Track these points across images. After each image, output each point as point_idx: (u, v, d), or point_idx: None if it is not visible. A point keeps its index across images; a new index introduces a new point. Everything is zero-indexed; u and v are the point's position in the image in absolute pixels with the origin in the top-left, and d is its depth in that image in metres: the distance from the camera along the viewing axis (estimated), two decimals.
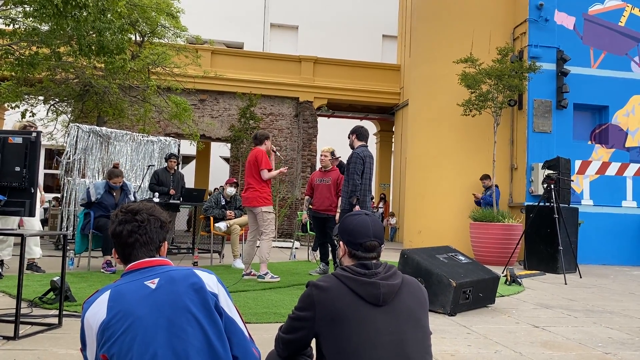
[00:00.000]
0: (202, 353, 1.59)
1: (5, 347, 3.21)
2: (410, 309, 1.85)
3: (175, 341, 1.57)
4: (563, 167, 8.94)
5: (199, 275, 1.73)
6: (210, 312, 1.66)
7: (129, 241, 1.76)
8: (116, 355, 1.56)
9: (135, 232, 1.76)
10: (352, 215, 2.08)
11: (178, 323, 1.59)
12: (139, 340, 1.55)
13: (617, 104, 11.50)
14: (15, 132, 3.76)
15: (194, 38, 13.05)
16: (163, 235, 1.84)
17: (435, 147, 11.64)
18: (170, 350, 1.55)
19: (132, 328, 1.56)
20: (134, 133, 10.61)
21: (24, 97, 11.37)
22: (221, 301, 1.73)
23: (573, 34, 11.41)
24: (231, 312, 1.76)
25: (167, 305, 1.62)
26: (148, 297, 1.62)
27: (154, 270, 1.72)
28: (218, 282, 1.77)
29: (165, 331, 1.57)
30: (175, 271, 1.72)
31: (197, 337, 1.60)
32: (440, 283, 4.76)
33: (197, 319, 1.62)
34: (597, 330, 4.42)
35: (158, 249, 1.82)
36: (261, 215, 6.32)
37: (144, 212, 1.80)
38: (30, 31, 8.67)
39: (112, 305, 1.61)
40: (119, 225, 1.78)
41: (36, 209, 6.18)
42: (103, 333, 1.59)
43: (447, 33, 11.79)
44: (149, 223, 1.79)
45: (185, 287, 1.67)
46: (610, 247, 10.92)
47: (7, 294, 4.88)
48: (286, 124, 16.67)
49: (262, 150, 6.48)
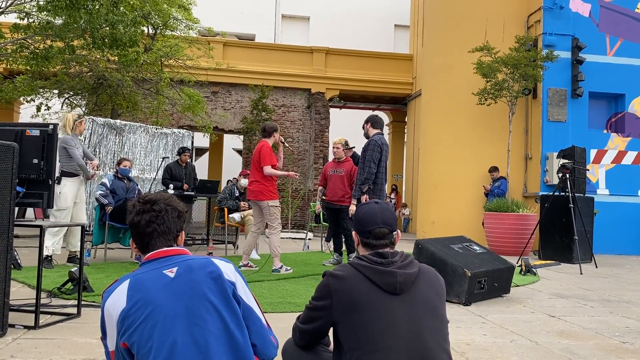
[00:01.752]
0: (221, 340, 1.60)
1: (27, 336, 3.27)
2: (427, 298, 1.85)
3: (194, 329, 1.59)
4: (578, 156, 8.84)
5: (217, 264, 1.74)
6: (228, 300, 1.68)
7: (147, 231, 1.78)
8: (137, 343, 1.58)
9: (153, 222, 1.78)
10: (362, 205, 2.12)
11: (197, 311, 1.61)
12: (159, 328, 1.57)
13: (633, 92, 11.33)
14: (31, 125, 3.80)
15: (206, 30, 13.06)
16: (180, 225, 1.86)
17: (449, 137, 11.57)
18: (189, 338, 1.57)
19: (152, 316, 1.58)
20: (147, 125, 10.68)
21: (39, 91, 11.47)
22: (239, 289, 1.75)
23: (589, 21, 11.24)
24: (249, 301, 1.77)
25: (186, 293, 1.63)
26: (167, 286, 1.64)
27: (172, 260, 1.74)
28: (235, 271, 1.79)
29: (184, 319, 1.59)
30: (193, 260, 1.74)
31: (215, 324, 1.61)
32: (455, 273, 4.75)
33: (215, 307, 1.64)
34: (613, 319, 4.39)
35: (175, 239, 1.84)
36: (268, 210, 6.30)
37: (161, 202, 1.82)
38: (44, 25, 8.73)
39: (131, 294, 1.63)
40: (137, 216, 1.80)
41: (84, 201, 6.33)
42: (123, 321, 1.60)
43: (460, 22, 11.67)
44: (166, 213, 1.80)
45: (204, 276, 1.68)
46: (627, 236, 10.81)
47: (26, 285, 4.96)
48: (298, 115, 16.66)
49: (268, 144, 6.41)
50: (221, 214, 8.36)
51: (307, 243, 9.81)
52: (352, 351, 1.76)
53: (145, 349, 1.57)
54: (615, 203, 10.93)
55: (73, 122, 6.15)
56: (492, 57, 10.18)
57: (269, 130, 6.53)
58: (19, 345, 3.08)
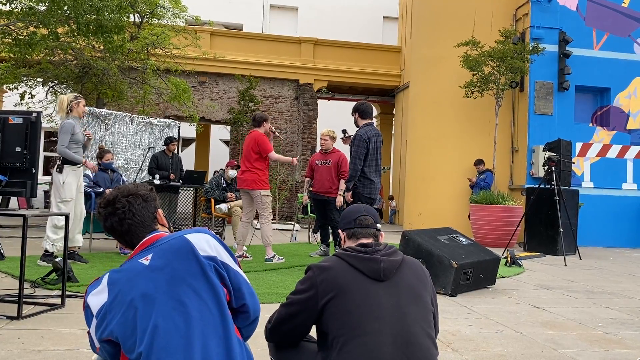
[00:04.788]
0: (202, 322, 1.59)
1: (9, 327, 3.23)
2: (411, 285, 1.88)
3: (174, 314, 1.57)
4: (564, 149, 8.92)
5: (192, 243, 1.70)
6: (207, 278, 1.65)
7: (123, 229, 1.77)
8: (121, 335, 1.57)
9: (123, 219, 1.76)
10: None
11: (175, 295, 1.59)
12: (140, 316, 1.56)
13: (619, 86, 11.43)
14: (13, 113, 3.73)
15: (193, 19, 12.91)
16: (152, 206, 1.83)
17: (436, 130, 11.61)
18: (170, 322, 1.56)
19: (132, 306, 1.58)
20: (133, 115, 10.56)
21: (23, 79, 11.27)
22: (222, 257, 1.73)
23: (576, 15, 11.31)
24: (234, 265, 1.77)
25: (163, 279, 1.61)
26: (143, 274, 1.63)
27: (148, 248, 1.73)
28: (214, 240, 1.76)
29: (163, 304, 1.58)
30: (168, 243, 1.71)
31: (195, 307, 1.59)
32: (442, 264, 4.77)
33: (194, 289, 1.61)
34: (597, 310, 4.44)
35: (155, 221, 1.82)
36: (259, 199, 6.29)
37: (120, 197, 1.79)
38: (27, 11, 8.56)
39: (111, 288, 1.63)
40: (106, 221, 1.78)
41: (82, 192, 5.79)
42: (105, 316, 1.60)
43: (448, 14, 11.67)
44: (131, 205, 1.78)
45: (180, 259, 1.66)
46: (610, 229, 10.95)
47: (9, 275, 4.90)
48: (286, 106, 16.59)
49: (262, 133, 6.42)
50: (208, 204, 8.31)
51: (295, 234, 9.80)
52: (337, 338, 1.76)
53: (131, 340, 1.56)
54: (600, 196, 11.05)
55: (68, 103, 5.48)
56: (478, 51, 10.19)
57: (259, 119, 6.50)
58: (2, 336, 3.03)
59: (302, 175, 14.68)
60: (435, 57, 11.77)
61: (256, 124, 6.50)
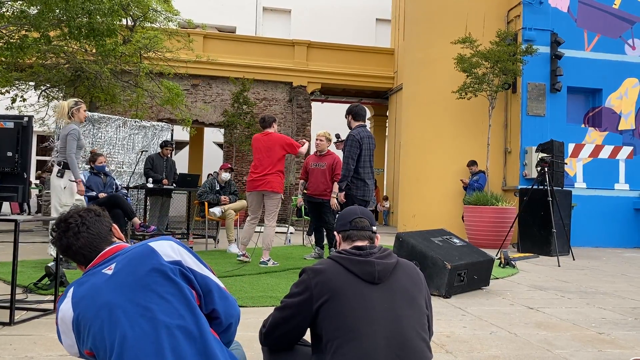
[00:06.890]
0: (171, 327, 1.57)
1: (1, 333, 3.20)
2: (405, 288, 1.88)
3: (141, 321, 1.56)
4: (557, 150, 8.96)
5: (155, 249, 1.69)
6: (172, 281, 1.63)
7: (79, 244, 1.75)
8: (94, 347, 1.58)
9: (78, 233, 1.75)
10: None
11: (141, 302, 1.58)
12: (106, 327, 1.56)
13: (610, 87, 11.51)
14: (6, 117, 3.70)
15: (185, 22, 12.89)
16: (106, 221, 1.83)
17: (430, 131, 11.63)
18: (138, 329, 1.55)
19: (98, 317, 1.57)
20: (126, 118, 10.52)
21: (15, 83, 11.20)
22: (187, 263, 1.72)
23: (567, 17, 11.37)
24: (202, 270, 1.75)
25: (127, 286, 1.60)
26: (106, 284, 1.62)
27: (110, 259, 1.72)
28: (178, 245, 1.75)
29: (129, 313, 1.57)
30: (130, 252, 1.70)
31: (164, 312, 1.58)
32: (435, 265, 4.78)
33: (160, 295, 1.60)
34: (590, 311, 4.46)
35: (111, 234, 1.82)
36: (277, 202, 6.24)
37: (73, 214, 1.79)
38: (18, 14, 8.52)
39: (76, 301, 1.62)
40: (61, 240, 1.76)
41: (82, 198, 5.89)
42: (78, 329, 1.60)
43: (440, 16, 11.71)
44: (84, 219, 1.78)
45: (143, 266, 1.65)
46: (603, 229, 11.00)
47: (1, 280, 4.86)
48: (280, 109, 16.58)
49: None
50: (201, 208, 8.29)
51: (289, 237, 9.79)
52: (331, 341, 1.75)
53: (102, 351, 1.56)
54: (592, 196, 11.11)
55: (69, 109, 5.57)
56: (473, 50, 10.23)
57: (270, 120, 6.45)
58: None
59: (296, 177, 14.68)
60: (428, 59, 11.81)
61: (267, 125, 6.40)
